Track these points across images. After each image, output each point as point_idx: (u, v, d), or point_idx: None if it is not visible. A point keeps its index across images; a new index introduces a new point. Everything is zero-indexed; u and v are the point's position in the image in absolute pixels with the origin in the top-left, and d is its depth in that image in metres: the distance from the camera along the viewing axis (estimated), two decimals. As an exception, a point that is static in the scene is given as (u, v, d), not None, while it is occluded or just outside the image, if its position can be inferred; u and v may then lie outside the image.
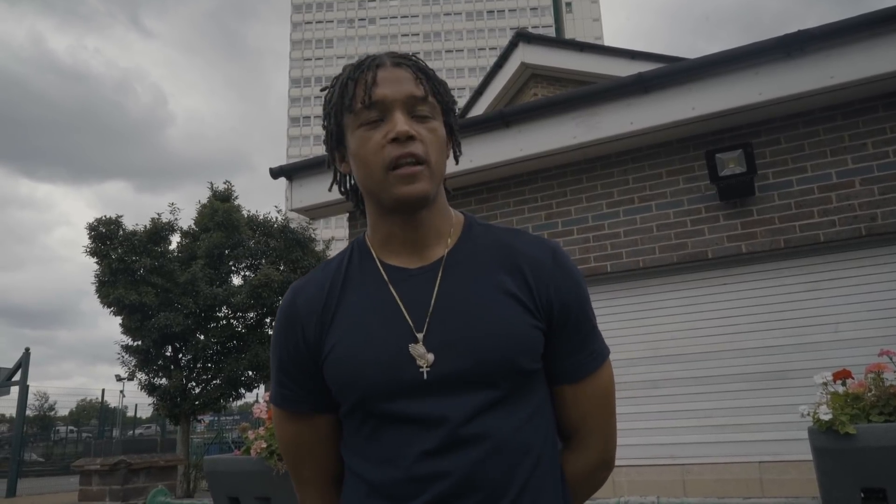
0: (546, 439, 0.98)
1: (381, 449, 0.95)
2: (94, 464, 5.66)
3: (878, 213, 4.12)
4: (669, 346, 4.63)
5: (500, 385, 0.93)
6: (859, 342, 4.08)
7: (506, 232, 1.05)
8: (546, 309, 0.98)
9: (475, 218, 1.09)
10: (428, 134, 0.96)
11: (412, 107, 0.96)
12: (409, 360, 0.94)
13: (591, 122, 4.74)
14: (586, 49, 7.99)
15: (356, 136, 0.97)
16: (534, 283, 0.98)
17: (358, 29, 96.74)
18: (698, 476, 4.33)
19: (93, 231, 13.07)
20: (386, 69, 0.97)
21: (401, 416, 0.93)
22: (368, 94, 0.95)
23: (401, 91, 0.96)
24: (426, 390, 0.93)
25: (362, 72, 0.98)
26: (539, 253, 1.01)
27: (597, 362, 1.03)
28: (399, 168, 0.93)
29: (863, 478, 2.25)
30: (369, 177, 0.97)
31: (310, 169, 5.82)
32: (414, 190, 0.94)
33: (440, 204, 1.03)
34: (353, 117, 0.98)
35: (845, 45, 4.10)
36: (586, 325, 1.02)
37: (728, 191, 4.44)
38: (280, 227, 14.92)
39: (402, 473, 0.92)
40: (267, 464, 2.82)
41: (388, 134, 0.94)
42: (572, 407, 1.03)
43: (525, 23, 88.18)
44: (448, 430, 0.91)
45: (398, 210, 0.98)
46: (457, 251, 1.02)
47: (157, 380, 13.60)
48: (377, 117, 0.96)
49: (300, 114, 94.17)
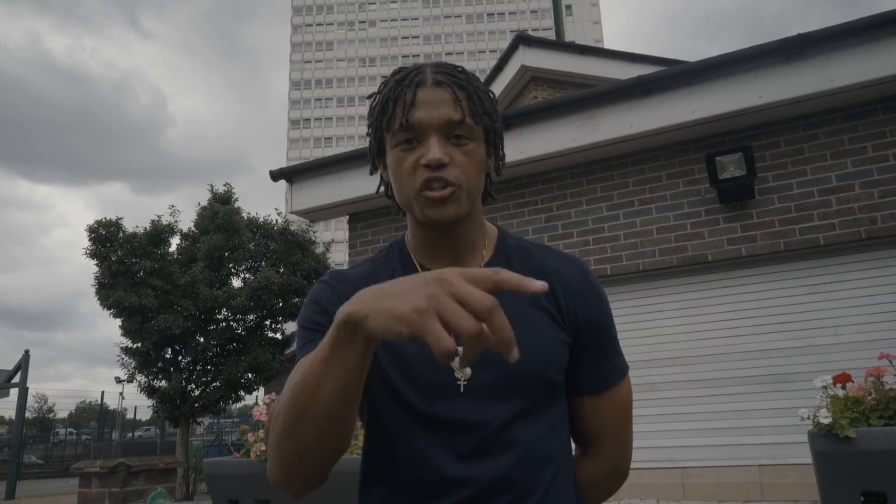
0: (565, 448, 1.03)
1: (412, 448, 0.96)
2: (93, 466, 5.66)
3: (878, 216, 4.12)
4: (669, 349, 4.63)
5: (531, 395, 0.97)
6: (859, 345, 4.08)
7: (537, 247, 1.09)
8: (573, 324, 1.02)
9: (508, 231, 1.12)
10: (463, 157, 0.97)
11: (448, 131, 0.97)
12: (448, 369, 0.97)
13: (591, 125, 4.74)
14: (586, 52, 8.00)
15: (393, 155, 0.99)
16: (563, 299, 1.02)
17: (358, 32, 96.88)
18: (698, 479, 4.32)
19: (93, 233, 13.06)
20: (426, 89, 0.97)
21: (435, 419, 0.95)
22: (406, 117, 0.96)
23: (437, 115, 0.96)
24: (461, 397, 0.96)
25: (403, 90, 0.98)
26: (569, 270, 1.05)
27: (618, 377, 1.07)
28: (429, 191, 0.95)
29: (863, 481, 2.25)
30: (402, 195, 1.00)
31: (310, 171, 5.83)
32: (443, 214, 0.96)
33: (474, 218, 1.05)
34: (391, 136, 0.99)
35: (845, 49, 4.11)
36: (609, 342, 1.06)
37: (728, 194, 4.44)
38: (280, 229, 14.90)
39: (432, 475, 0.94)
40: (266, 466, 2.82)
41: (422, 159, 0.95)
42: (592, 417, 1.08)
43: (525, 26, 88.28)
44: (483, 436, 0.94)
45: (430, 227, 1.01)
46: (492, 264, 1.05)
47: (156, 382, 13.58)
48: (413, 140, 0.97)
49: (300, 116, 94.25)
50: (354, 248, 5.84)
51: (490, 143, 1.04)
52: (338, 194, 5.62)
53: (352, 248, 5.86)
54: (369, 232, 5.80)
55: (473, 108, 0.99)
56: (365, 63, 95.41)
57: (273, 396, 3.17)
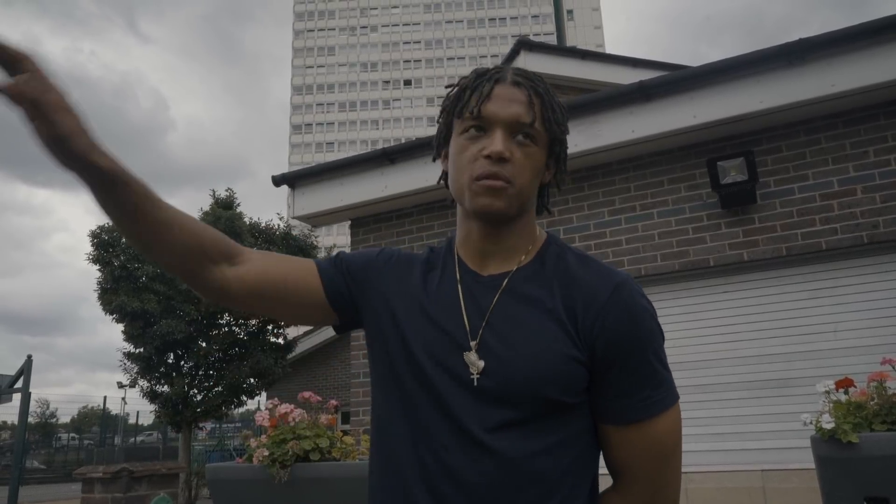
0: (573, 474, 0.96)
1: (410, 427, 0.98)
2: (96, 471, 5.66)
3: (880, 220, 4.12)
4: (671, 354, 4.57)
5: (522, 408, 0.93)
6: (861, 350, 4.08)
7: (576, 257, 1.05)
8: (590, 342, 0.96)
9: (556, 238, 1.10)
10: (523, 158, 0.98)
11: (515, 130, 0.98)
12: (462, 362, 0.97)
13: (592, 130, 4.75)
14: (588, 57, 8.00)
15: (457, 142, 1.01)
16: (581, 314, 0.96)
17: (360, 37, 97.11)
18: (700, 484, 4.31)
19: (95, 238, 13.10)
20: (504, 86, 1.00)
21: (434, 405, 0.96)
22: (479, 107, 0.98)
23: (508, 112, 0.98)
24: (460, 392, 0.96)
25: (482, 83, 1.01)
26: (599, 284, 0.98)
27: (650, 411, 0.97)
28: (485, 179, 0.96)
29: (866, 486, 2.25)
30: (457, 181, 1.01)
31: (312, 177, 5.84)
32: (492, 204, 0.97)
33: (522, 224, 1.05)
34: (460, 123, 1.01)
35: (846, 54, 4.12)
36: (644, 369, 0.98)
37: (730, 198, 4.44)
38: (282, 234, 14.92)
39: (419, 456, 0.95)
40: (269, 472, 2.81)
41: (484, 150, 0.97)
42: (616, 449, 1.00)
43: (526, 31, 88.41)
44: (468, 435, 0.93)
45: (477, 218, 1.02)
46: (525, 269, 1.03)
47: (158, 387, 13.58)
48: (480, 129, 0.99)
49: (302, 121, 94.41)
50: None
51: (553, 153, 1.05)
52: (339, 199, 5.63)
53: (354, 253, 5.87)
54: (371, 237, 5.81)
55: (545, 115, 1.01)
56: (367, 68, 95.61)
57: (276, 402, 3.18)
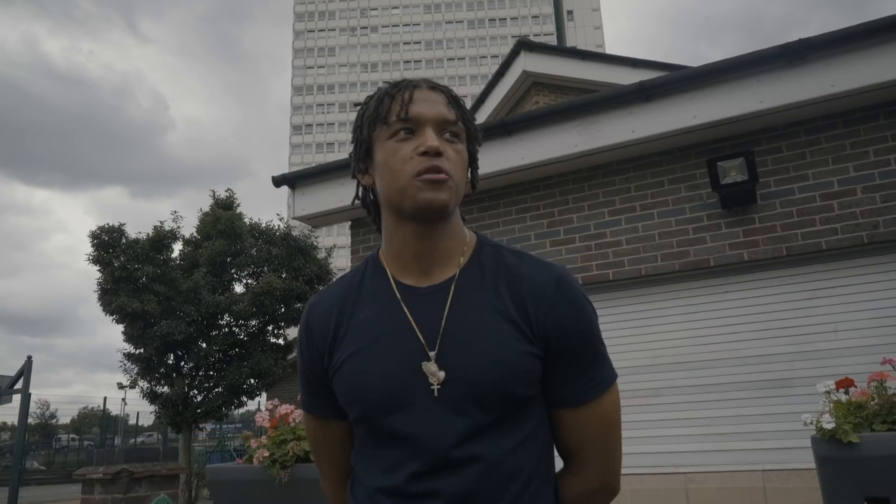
0: (540, 460, 1.01)
1: (383, 460, 0.99)
2: (96, 472, 5.66)
3: (881, 220, 4.12)
4: (671, 355, 4.63)
5: (493, 410, 0.96)
6: (862, 350, 4.08)
7: (513, 255, 1.07)
8: (543, 336, 0.99)
9: (487, 238, 1.12)
10: (454, 154, 1.02)
11: (442, 128, 1.02)
12: (421, 377, 0.97)
13: (592, 131, 4.75)
14: (588, 57, 8.01)
15: (386, 147, 1.02)
16: (532, 310, 1.00)
17: (360, 37, 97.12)
18: (701, 484, 4.31)
19: (95, 239, 13.09)
20: (422, 90, 1.04)
21: (397, 434, 0.97)
22: (405, 109, 1.00)
23: (434, 111, 1.02)
24: (428, 409, 0.96)
25: (400, 90, 1.04)
26: (542, 279, 1.02)
27: (597, 390, 1.02)
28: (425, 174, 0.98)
29: (866, 487, 2.24)
30: (392, 183, 1.00)
31: (312, 177, 5.84)
32: (436, 197, 0.98)
33: (455, 224, 1.07)
34: (385, 129, 1.03)
35: (846, 54, 4.12)
36: (588, 353, 1.02)
37: (730, 199, 4.45)
38: (282, 234, 14.92)
39: (399, 487, 0.97)
40: (269, 473, 2.81)
41: (419, 147, 0.99)
42: (570, 431, 1.05)
43: (527, 31, 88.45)
44: (439, 454, 0.95)
45: (417, 217, 1.01)
46: (466, 272, 1.04)
47: (158, 388, 13.59)
48: (409, 132, 1.01)
49: (302, 122, 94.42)
50: (357, 253, 5.84)
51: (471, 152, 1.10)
52: (340, 200, 5.63)
53: (354, 254, 5.87)
54: (371, 237, 5.81)
55: (464, 114, 1.06)
56: (367, 68, 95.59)
57: (276, 402, 3.18)
